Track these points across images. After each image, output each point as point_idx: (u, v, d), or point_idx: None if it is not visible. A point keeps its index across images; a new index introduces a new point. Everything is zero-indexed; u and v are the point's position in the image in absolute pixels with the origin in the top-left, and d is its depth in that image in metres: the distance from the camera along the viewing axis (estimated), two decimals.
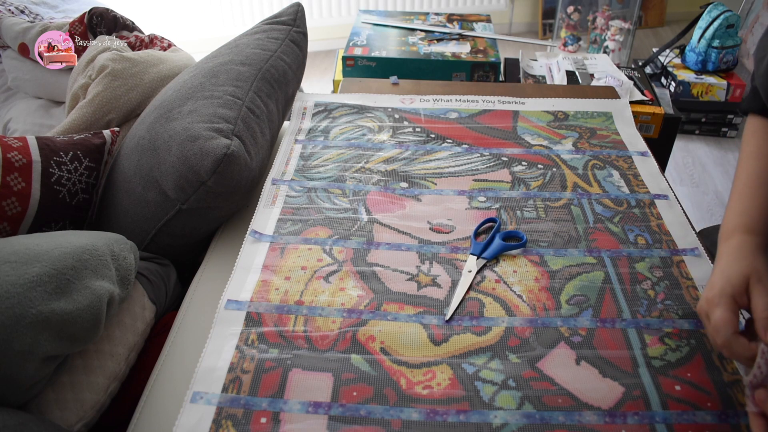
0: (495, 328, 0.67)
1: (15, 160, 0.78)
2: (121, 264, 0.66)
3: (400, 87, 1.18)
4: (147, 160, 0.83)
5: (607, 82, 1.48)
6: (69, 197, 0.83)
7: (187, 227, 0.84)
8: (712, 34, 2.21)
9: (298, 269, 0.74)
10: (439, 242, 0.79)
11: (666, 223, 0.82)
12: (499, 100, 1.11)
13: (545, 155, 0.95)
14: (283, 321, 0.68)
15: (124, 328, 0.68)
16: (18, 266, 0.56)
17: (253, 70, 0.95)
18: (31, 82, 1.38)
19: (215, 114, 0.83)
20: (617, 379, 0.61)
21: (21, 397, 0.55)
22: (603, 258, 0.76)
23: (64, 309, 0.55)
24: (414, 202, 0.86)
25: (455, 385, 0.61)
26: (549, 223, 0.82)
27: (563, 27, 2.73)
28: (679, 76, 2.26)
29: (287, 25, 1.09)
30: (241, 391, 0.60)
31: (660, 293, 0.71)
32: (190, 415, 0.58)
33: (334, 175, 0.91)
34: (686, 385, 0.60)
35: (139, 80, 1.09)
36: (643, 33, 3.09)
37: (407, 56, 1.48)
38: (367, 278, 0.73)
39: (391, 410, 0.58)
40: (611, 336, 0.66)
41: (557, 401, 0.59)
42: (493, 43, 1.57)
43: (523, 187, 0.88)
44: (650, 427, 0.56)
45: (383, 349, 0.64)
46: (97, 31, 1.24)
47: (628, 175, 0.91)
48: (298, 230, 0.81)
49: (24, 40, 1.31)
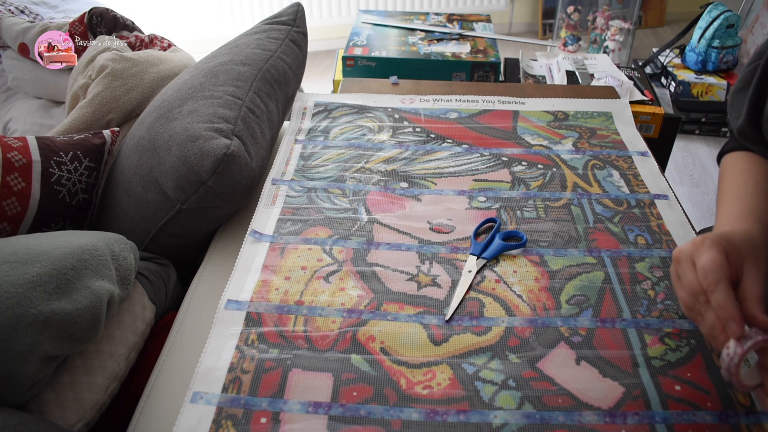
0: (495, 328, 0.67)
1: (15, 160, 0.78)
2: (121, 264, 0.66)
3: (400, 87, 1.18)
4: (147, 160, 0.83)
5: (607, 82, 1.48)
6: (69, 197, 0.83)
7: (187, 227, 0.84)
8: (712, 34, 2.21)
9: (298, 269, 0.74)
10: (439, 242, 0.79)
11: (666, 223, 0.82)
12: (499, 100, 1.11)
13: (545, 155, 0.95)
14: (283, 321, 0.68)
15: (124, 328, 0.68)
16: (18, 266, 0.56)
17: (253, 70, 0.95)
18: (31, 82, 1.38)
19: (215, 114, 0.83)
20: (617, 379, 0.61)
21: (21, 397, 0.55)
22: (603, 258, 0.76)
23: (64, 309, 0.55)
24: (414, 202, 0.86)
25: (455, 385, 0.61)
26: (549, 223, 0.82)
27: (563, 27, 2.73)
28: (679, 76, 2.26)
29: (287, 25, 1.09)
30: (241, 391, 0.60)
31: (660, 293, 0.71)
32: (190, 415, 0.58)
33: (334, 175, 0.91)
34: (686, 385, 0.60)
35: (139, 80, 1.09)
36: (643, 33, 3.10)
37: (407, 56, 1.48)
38: (367, 278, 0.73)
39: (391, 410, 0.58)
40: (611, 336, 0.66)
41: (557, 401, 0.59)
42: (493, 43, 1.57)
43: (523, 187, 0.88)
44: (650, 427, 0.56)
45: (383, 349, 0.64)
46: (97, 31, 1.24)
47: (628, 175, 0.91)
48: (298, 230, 0.81)
49: (24, 40, 1.31)
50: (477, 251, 0.76)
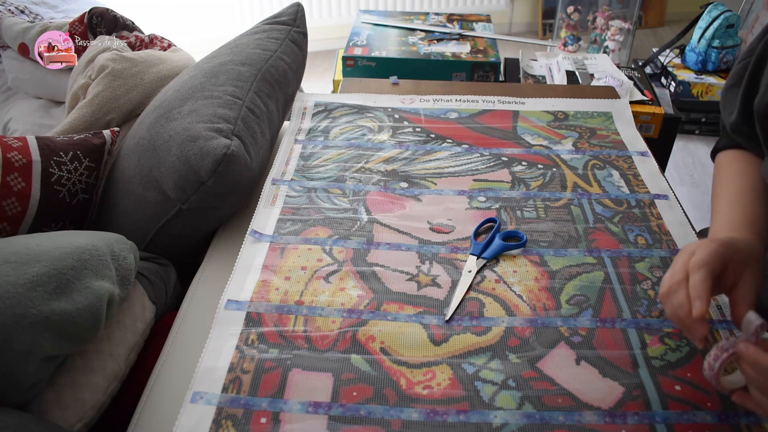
0: (495, 328, 0.67)
1: (15, 160, 0.78)
2: (121, 264, 0.66)
3: (400, 87, 1.18)
4: (147, 160, 0.83)
5: (607, 82, 1.48)
6: (69, 197, 0.83)
7: (187, 227, 0.84)
8: (712, 34, 2.21)
9: (298, 269, 0.74)
10: (439, 242, 0.79)
11: (666, 223, 0.82)
12: (499, 100, 1.11)
13: (545, 155, 0.95)
14: (283, 321, 0.68)
15: (124, 328, 0.68)
16: (18, 266, 0.56)
17: (253, 70, 0.95)
18: (31, 82, 1.38)
19: (215, 114, 0.83)
20: (617, 379, 0.61)
21: (21, 397, 0.55)
22: (603, 258, 0.76)
23: (64, 309, 0.55)
24: (414, 202, 0.86)
25: (455, 385, 0.61)
26: (549, 223, 0.82)
27: (563, 27, 2.73)
28: (679, 76, 2.26)
29: (287, 25, 1.09)
30: (241, 391, 0.60)
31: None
32: (190, 415, 0.58)
33: (334, 175, 0.91)
34: (686, 385, 0.60)
35: (139, 80, 1.09)
36: (643, 33, 3.09)
37: (407, 56, 1.48)
38: (367, 278, 0.73)
39: (391, 410, 0.58)
40: (611, 336, 0.66)
41: (557, 401, 0.59)
42: (493, 43, 1.57)
43: (523, 187, 0.88)
44: (650, 427, 0.56)
45: (383, 349, 0.64)
46: (97, 31, 1.24)
47: (628, 175, 0.91)
48: (298, 230, 0.81)
49: (24, 40, 1.31)
50: (477, 251, 0.76)
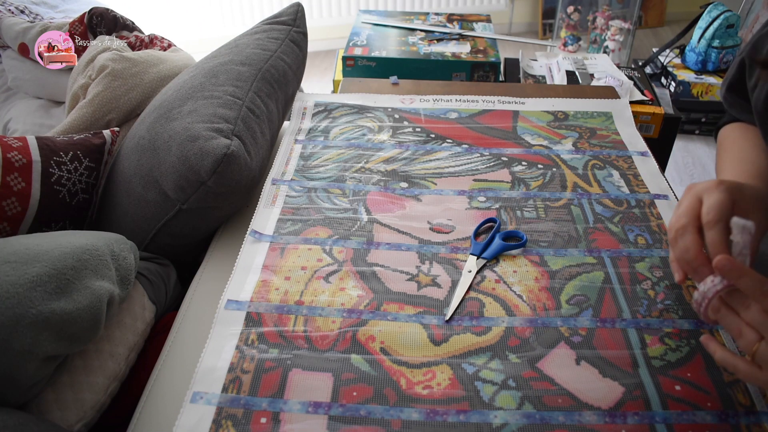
0: (495, 328, 0.67)
1: (15, 160, 0.78)
2: (121, 264, 0.66)
3: (400, 87, 1.18)
4: (147, 160, 0.83)
5: (607, 82, 1.48)
6: (69, 197, 0.83)
7: (187, 227, 0.84)
8: (712, 34, 2.21)
9: (298, 269, 0.74)
10: (439, 242, 0.79)
11: (666, 223, 0.82)
12: (499, 100, 1.11)
13: (545, 155, 0.95)
14: (283, 321, 0.68)
15: (124, 328, 0.68)
16: (18, 266, 0.56)
17: (253, 70, 0.95)
18: (31, 82, 1.38)
19: (215, 114, 0.83)
20: (617, 379, 0.61)
21: (21, 397, 0.55)
22: (603, 258, 0.76)
23: (64, 309, 0.55)
24: (414, 202, 0.86)
25: (455, 385, 0.61)
26: (549, 223, 0.82)
27: (563, 27, 2.73)
28: (679, 76, 2.26)
29: (287, 25, 1.09)
30: (241, 391, 0.60)
31: (660, 293, 0.71)
32: (190, 415, 0.58)
33: (334, 175, 0.91)
34: (686, 385, 0.60)
35: (139, 80, 1.09)
36: (643, 33, 3.10)
37: (407, 56, 1.48)
38: (367, 278, 0.73)
39: (391, 410, 0.58)
40: (611, 336, 0.66)
41: (557, 401, 0.59)
42: (493, 43, 1.57)
43: (523, 187, 0.88)
44: (650, 427, 0.56)
45: (383, 349, 0.64)
46: (97, 31, 1.24)
47: (628, 175, 0.91)
48: (298, 230, 0.81)
49: (24, 40, 1.31)
50: (477, 251, 0.76)
